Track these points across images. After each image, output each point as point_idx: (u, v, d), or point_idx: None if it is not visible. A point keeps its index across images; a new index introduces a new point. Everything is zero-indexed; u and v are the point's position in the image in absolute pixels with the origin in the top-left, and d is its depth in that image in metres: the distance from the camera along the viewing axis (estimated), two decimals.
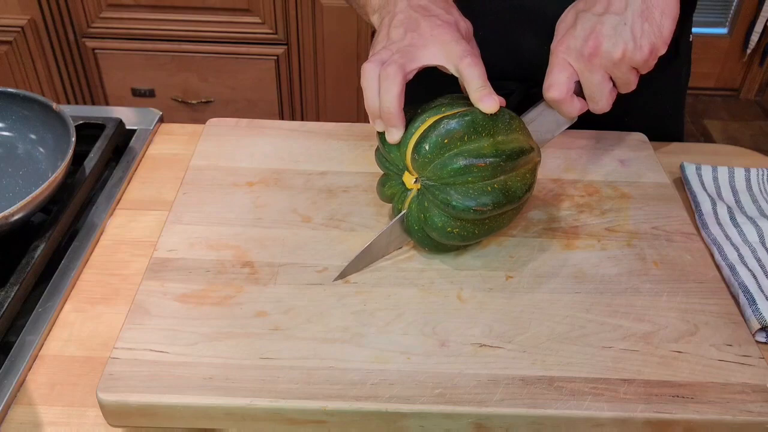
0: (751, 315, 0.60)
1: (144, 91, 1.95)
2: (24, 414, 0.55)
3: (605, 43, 0.61)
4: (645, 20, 0.61)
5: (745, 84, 2.68)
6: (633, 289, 0.61)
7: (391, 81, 0.58)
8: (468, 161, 0.56)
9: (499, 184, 0.58)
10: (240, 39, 1.87)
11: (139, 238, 0.70)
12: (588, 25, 0.62)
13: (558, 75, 0.63)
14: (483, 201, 0.57)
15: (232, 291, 0.59)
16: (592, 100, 0.64)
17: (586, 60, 0.62)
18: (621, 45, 0.61)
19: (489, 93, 0.58)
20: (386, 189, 0.63)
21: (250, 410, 0.51)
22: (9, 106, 0.77)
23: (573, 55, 0.62)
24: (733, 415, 0.51)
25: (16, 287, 0.61)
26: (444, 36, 0.60)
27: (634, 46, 0.61)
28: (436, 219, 0.59)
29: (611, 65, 0.62)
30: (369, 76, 0.59)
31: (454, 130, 0.57)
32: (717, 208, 0.72)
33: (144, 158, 0.81)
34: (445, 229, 0.59)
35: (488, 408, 0.51)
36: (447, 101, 0.61)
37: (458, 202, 0.57)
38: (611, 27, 0.61)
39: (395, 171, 0.62)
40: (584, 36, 0.62)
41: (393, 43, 0.61)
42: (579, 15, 0.63)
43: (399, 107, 0.58)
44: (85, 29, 1.85)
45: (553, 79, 0.63)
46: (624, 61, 0.61)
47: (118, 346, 0.54)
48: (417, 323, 0.57)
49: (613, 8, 0.61)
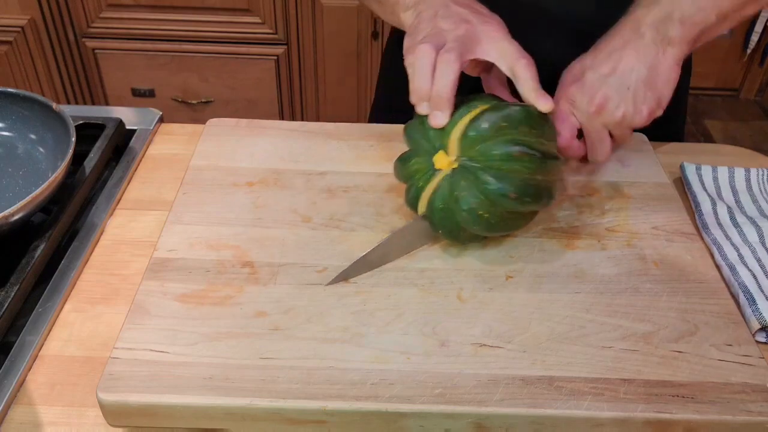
0: (751, 315, 0.60)
1: (144, 91, 1.95)
2: (24, 414, 0.55)
3: (608, 104, 0.64)
4: (648, 88, 0.64)
5: (745, 84, 2.68)
6: (633, 289, 0.61)
7: (450, 66, 0.58)
8: (522, 149, 0.58)
9: (535, 182, 0.59)
10: (240, 39, 1.87)
11: (139, 238, 0.70)
12: (595, 84, 0.65)
13: (562, 124, 0.67)
14: (523, 191, 0.58)
15: (232, 291, 0.59)
16: (593, 150, 0.68)
17: (589, 116, 0.65)
18: (622, 108, 0.64)
19: (544, 93, 0.60)
20: (411, 164, 0.62)
21: (250, 410, 0.51)
22: (9, 106, 0.77)
23: (578, 110, 0.66)
24: (734, 415, 0.51)
25: (16, 287, 0.61)
26: (495, 33, 0.62)
27: (633, 111, 0.64)
28: (471, 199, 0.59)
29: (612, 124, 0.66)
30: (424, 58, 0.59)
31: (514, 116, 0.59)
32: (717, 208, 0.72)
33: (144, 158, 0.81)
34: (477, 211, 0.59)
35: (488, 408, 0.51)
36: (486, 96, 0.62)
37: (499, 186, 0.58)
38: (615, 90, 0.64)
39: (428, 149, 0.61)
40: (590, 94, 0.65)
41: (445, 30, 0.61)
42: (586, 72, 0.66)
43: (452, 93, 0.59)
44: (85, 29, 1.85)
45: (558, 127, 0.66)
46: (623, 123, 0.65)
47: (118, 346, 0.54)
48: (417, 323, 0.57)
49: (620, 72, 0.64)
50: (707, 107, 2.65)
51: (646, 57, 0.64)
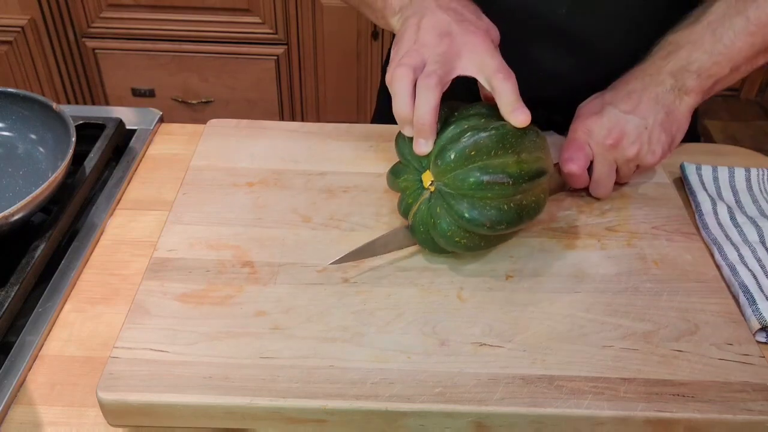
0: (751, 315, 0.60)
1: (144, 91, 1.95)
2: (24, 414, 0.55)
3: (625, 140, 0.66)
4: (663, 131, 0.67)
5: (745, 84, 2.68)
6: (633, 288, 0.61)
7: (430, 92, 0.57)
8: (491, 177, 0.56)
9: (515, 203, 0.58)
10: (240, 39, 1.87)
11: (139, 238, 0.70)
12: (614, 120, 0.67)
13: (578, 152, 0.68)
14: (497, 219, 0.57)
15: (232, 291, 0.59)
16: (598, 184, 0.69)
17: (605, 149, 0.67)
18: (637, 145, 0.66)
19: (521, 106, 0.58)
20: (400, 180, 0.62)
21: (250, 409, 0.51)
22: (9, 106, 0.77)
23: (594, 141, 0.67)
24: (734, 414, 0.51)
25: (16, 287, 0.61)
26: (477, 46, 0.61)
27: (647, 150, 0.67)
28: (445, 226, 0.58)
29: (623, 160, 0.68)
30: (402, 82, 0.59)
31: (483, 143, 0.57)
32: (717, 208, 0.72)
33: (144, 158, 0.81)
34: (453, 238, 0.59)
35: (488, 407, 0.51)
36: (477, 110, 0.60)
37: (472, 217, 0.57)
38: (634, 127, 0.66)
39: (416, 166, 0.61)
40: (609, 127, 0.67)
41: (425, 47, 0.60)
42: (606, 107, 0.68)
43: (434, 120, 0.58)
44: (85, 29, 1.85)
45: (573, 154, 0.68)
46: (635, 160, 0.68)
47: (118, 345, 0.54)
48: (417, 323, 0.57)
49: (639, 112, 0.66)
50: (707, 107, 2.65)
51: (664, 102, 0.67)
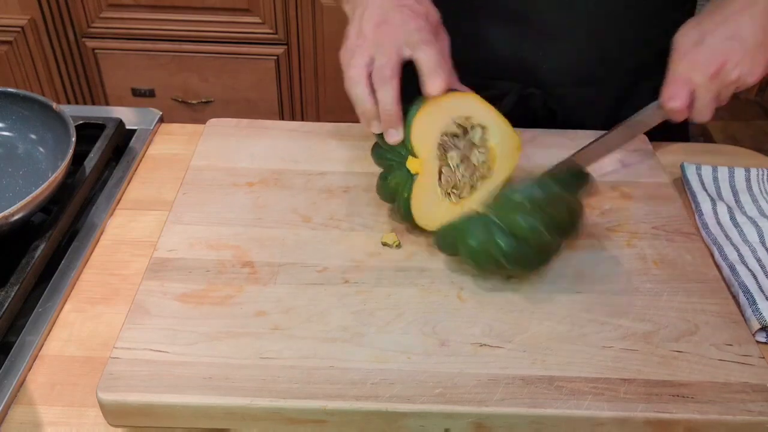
0: (752, 315, 0.60)
1: (144, 91, 1.95)
2: (24, 414, 0.55)
3: (728, 65, 0.66)
4: (761, 51, 0.67)
5: None
6: (633, 288, 0.61)
7: (388, 85, 0.59)
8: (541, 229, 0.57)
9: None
10: (240, 39, 1.87)
11: (139, 238, 0.70)
12: (715, 48, 0.66)
13: (680, 88, 0.67)
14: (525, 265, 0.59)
15: (232, 291, 0.59)
16: (700, 113, 0.68)
17: (709, 77, 0.66)
18: (739, 69, 0.66)
19: (437, 75, 0.60)
20: (389, 182, 0.63)
21: (250, 410, 0.51)
22: (9, 106, 0.77)
23: (698, 70, 0.66)
24: (734, 415, 0.51)
25: (16, 287, 0.61)
26: (410, 26, 0.62)
27: (748, 72, 0.66)
28: (472, 245, 0.59)
29: (726, 84, 0.67)
30: (358, 82, 0.61)
31: (539, 197, 0.58)
32: (717, 208, 0.72)
33: (144, 158, 0.81)
34: (475, 254, 0.59)
35: (488, 407, 0.51)
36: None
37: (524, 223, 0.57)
38: (734, 51, 0.66)
39: (398, 160, 0.62)
40: (710, 57, 0.66)
41: (367, 40, 0.63)
42: (707, 36, 0.67)
43: (399, 109, 0.60)
44: (85, 29, 1.85)
45: (676, 91, 0.67)
46: (736, 83, 0.67)
47: (118, 345, 0.54)
48: (417, 323, 0.57)
49: (740, 35, 0.66)
50: None
51: (761, 22, 0.67)
